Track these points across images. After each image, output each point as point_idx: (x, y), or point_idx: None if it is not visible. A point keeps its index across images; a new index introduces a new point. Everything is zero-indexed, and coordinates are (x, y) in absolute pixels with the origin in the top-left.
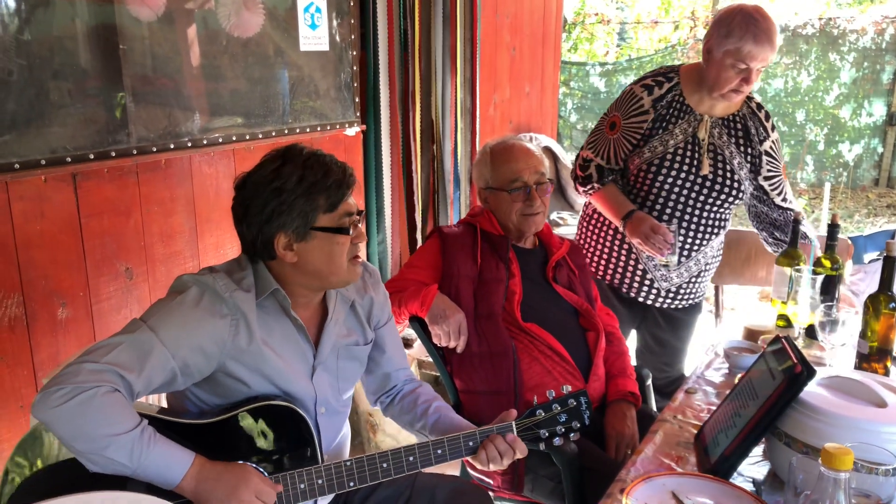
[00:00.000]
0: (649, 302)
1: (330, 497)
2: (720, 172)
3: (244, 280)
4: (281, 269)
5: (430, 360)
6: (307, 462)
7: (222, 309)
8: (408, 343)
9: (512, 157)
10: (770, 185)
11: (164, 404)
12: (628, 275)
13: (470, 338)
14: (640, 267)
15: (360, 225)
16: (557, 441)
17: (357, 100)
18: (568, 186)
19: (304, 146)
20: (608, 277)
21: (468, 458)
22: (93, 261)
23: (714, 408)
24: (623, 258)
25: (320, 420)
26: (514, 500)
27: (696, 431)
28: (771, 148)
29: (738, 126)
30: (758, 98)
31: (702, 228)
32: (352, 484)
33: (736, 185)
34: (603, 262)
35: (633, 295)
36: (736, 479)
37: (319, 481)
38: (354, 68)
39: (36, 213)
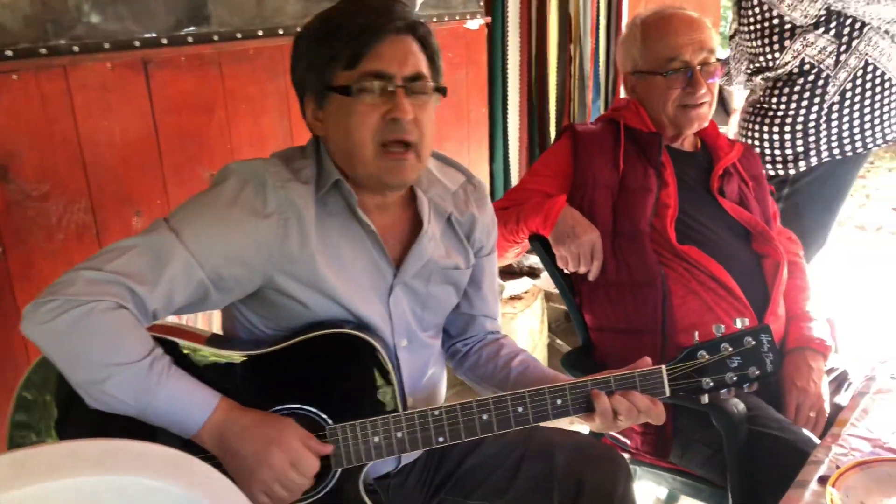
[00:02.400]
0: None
1: (418, 452)
2: None
3: (304, 170)
4: (328, 150)
5: None
6: (386, 409)
7: (266, 206)
8: (534, 273)
9: (670, 28)
10: None
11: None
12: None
13: (606, 262)
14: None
15: (396, 91)
16: (725, 393)
17: None
18: (730, 98)
19: None
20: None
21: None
22: (171, 164)
23: None
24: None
25: (401, 354)
26: (656, 466)
27: None
28: None
29: None
30: None
31: None
32: (441, 440)
33: None
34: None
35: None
36: None
37: (399, 434)
38: None
39: (102, 105)
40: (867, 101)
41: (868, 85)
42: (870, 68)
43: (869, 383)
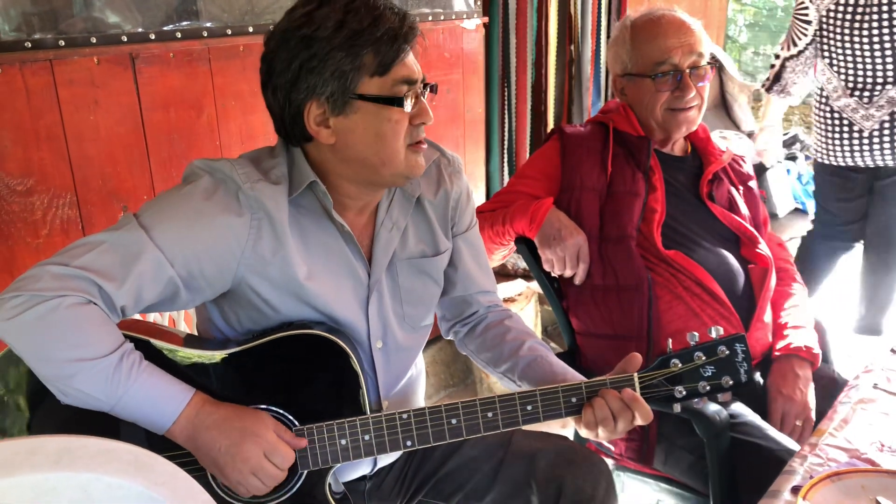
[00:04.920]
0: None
1: (398, 452)
2: None
3: (274, 170)
4: (319, 154)
5: None
6: (353, 412)
7: (240, 205)
8: (529, 275)
9: (660, 31)
10: None
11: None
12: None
13: (592, 266)
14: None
15: (423, 98)
16: (698, 402)
17: None
18: (734, 102)
19: None
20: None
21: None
22: (158, 160)
23: None
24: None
25: (377, 357)
26: (640, 472)
27: None
28: None
29: None
30: None
31: None
32: (409, 443)
33: None
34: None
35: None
36: None
37: (366, 437)
38: None
39: (88, 100)
40: None
41: None
42: None
43: (850, 392)
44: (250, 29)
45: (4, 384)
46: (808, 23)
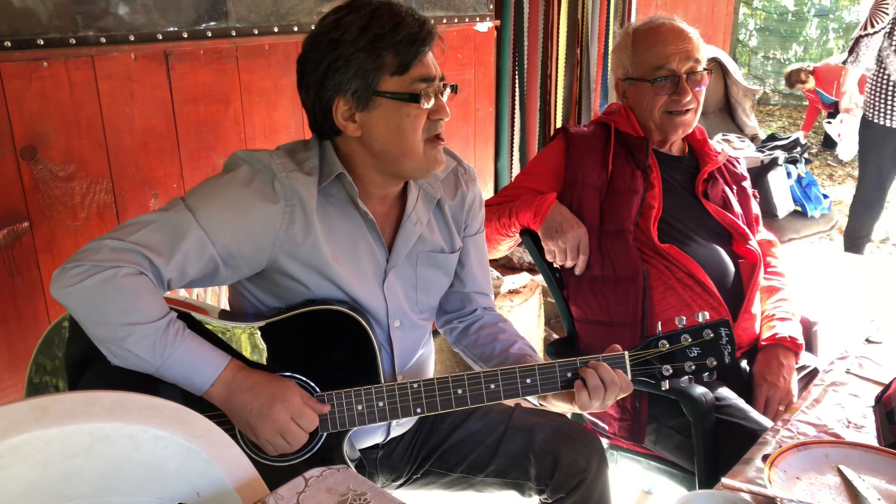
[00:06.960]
0: None
1: (408, 424)
2: None
3: (307, 162)
4: (347, 147)
5: None
6: (369, 383)
7: (276, 193)
8: (534, 269)
9: (659, 38)
10: None
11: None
12: None
13: (592, 258)
14: None
15: (442, 96)
16: (684, 382)
17: None
18: (738, 107)
19: None
20: None
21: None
22: (187, 151)
23: None
24: None
25: (394, 334)
26: (632, 450)
27: (877, 392)
28: None
29: None
30: None
31: None
32: (419, 410)
33: None
34: None
35: None
36: None
37: (380, 404)
38: None
39: (125, 93)
40: None
41: None
42: None
43: (824, 376)
44: (275, 29)
45: (47, 365)
46: (887, 14)
